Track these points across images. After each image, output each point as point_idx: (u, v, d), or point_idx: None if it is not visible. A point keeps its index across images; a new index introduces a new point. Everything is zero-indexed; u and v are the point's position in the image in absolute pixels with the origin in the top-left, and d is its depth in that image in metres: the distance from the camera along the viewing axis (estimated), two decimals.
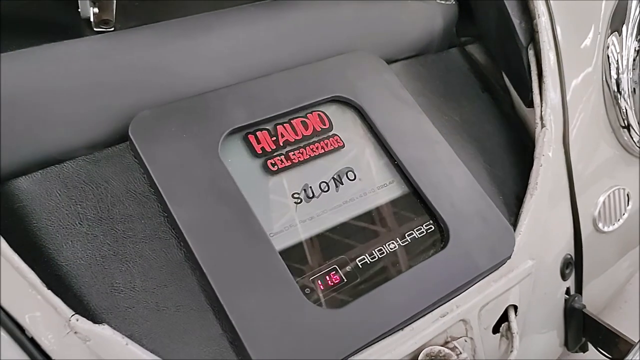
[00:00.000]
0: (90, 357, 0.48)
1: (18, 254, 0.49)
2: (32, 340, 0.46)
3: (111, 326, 0.49)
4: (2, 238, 0.47)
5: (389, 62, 0.81)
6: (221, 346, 0.55)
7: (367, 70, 0.76)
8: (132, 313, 0.53)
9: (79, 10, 0.64)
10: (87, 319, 0.48)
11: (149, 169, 0.59)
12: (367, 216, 0.66)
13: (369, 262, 0.63)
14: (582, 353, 0.88)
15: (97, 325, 0.48)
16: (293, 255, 0.60)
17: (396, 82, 0.77)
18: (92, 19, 0.64)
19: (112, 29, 0.65)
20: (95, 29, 0.65)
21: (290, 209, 0.63)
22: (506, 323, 0.71)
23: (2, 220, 0.49)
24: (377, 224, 0.66)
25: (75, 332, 0.47)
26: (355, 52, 0.77)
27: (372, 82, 0.75)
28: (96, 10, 0.64)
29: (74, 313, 0.47)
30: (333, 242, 0.63)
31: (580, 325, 0.83)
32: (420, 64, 0.86)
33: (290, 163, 0.65)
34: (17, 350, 0.46)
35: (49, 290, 0.47)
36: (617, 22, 0.88)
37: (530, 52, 0.82)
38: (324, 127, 0.69)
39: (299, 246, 0.61)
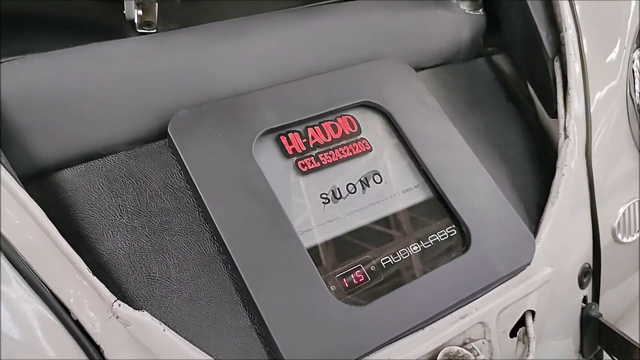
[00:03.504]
0: (129, 340, 0.50)
1: None
2: (76, 323, 0.49)
3: (148, 313, 0.52)
4: (54, 227, 0.50)
5: (417, 69, 0.83)
6: (250, 337, 0.57)
7: (395, 77, 0.78)
8: (167, 302, 0.56)
9: (124, 12, 0.66)
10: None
11: (186, 166, 0.61)
12: (392, 218, 0.68)
13: (392, 263, 0.65)
14: None
15: (137, 311, 0.51)
16: (320, 253, 0.62)
17: (423, 90, 0.79)
18: (136, 21, 0.67)
19: (155, 30, 0.68)
20: (138, 30, 0.68)
21: (319, 209, 0.65)
22: (523, 328, 0.73)
23: (48, 210, 0.51)
24: (401, 226, 0.68)
25: (117, 317, 0.50)
26: (385, 59, 0.79)
27: (400, 89, 0.77)
28: (140, 12, 0.67)
29: (116, 299, 0.50)
30: (358, 242, 0.65)
31: (596, 334, 0.84)
32: (448, 72, 0.88)
33: (320, 164, 0.68)
34: (63, 331, 0.48)
35: (94, 277, 0.50)
36: None
37: (556, 64, 0.83)
38: (353, 130, 0.72)
39: (325, 244, 0.63)
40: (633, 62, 0.88)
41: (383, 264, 0.64)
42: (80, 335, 0.49)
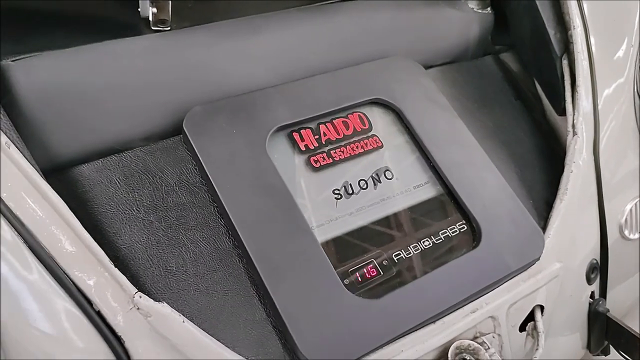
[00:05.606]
0: (150, 331, 0.51)
1: None
2: (98, 314, 0.50)
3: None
4: (76, 219, 0.51)
5: (426, 67, 0.84)
6: (265, 329, 0.58)
7: (405, 74, 0.79)
8: (184, 295, 0.57)
9: (139, 10, 0.67)
10: None
11: (201, 161, 0.62)
12: (403, 214, 0.69)
13: (404, 258, 0.65)
14: (604, 356, 0.89)
15: (157, 302, 0.51)
16: (333, 248, 0.63)
17: (433, 87, 0.79)
18: (150, 19, 0.68)
19: (169, 28, 0.69)
20: (153, 28, 0.69)
21: (331, 204, 0.66)
22: (532, 322, 0.73)
23: (67, 204, 0.52)
24: (413, 221, 0.69)
25: (138, 308, 0.51)
26: (395, 57, 0.80)
27: (410, 86, 0.78)
28: (154, 10, 0.67)
29: (137, 290, 0.51)
30: (370, 236, 0.66)
31: (603, 329, 0.85)
32: (456, 70, 0.88)
33: (332, 161, 0.68)
34: (85, 322, 0.49)
35: (116, 269, 0.51)
36: None
37: (564, 62, 0.84)
38: (364, 127, 0.72)
39: (338, 239, 0.64)
40: None
41: (395, 258, 0.65)
42: (102, 326, 0.50)
